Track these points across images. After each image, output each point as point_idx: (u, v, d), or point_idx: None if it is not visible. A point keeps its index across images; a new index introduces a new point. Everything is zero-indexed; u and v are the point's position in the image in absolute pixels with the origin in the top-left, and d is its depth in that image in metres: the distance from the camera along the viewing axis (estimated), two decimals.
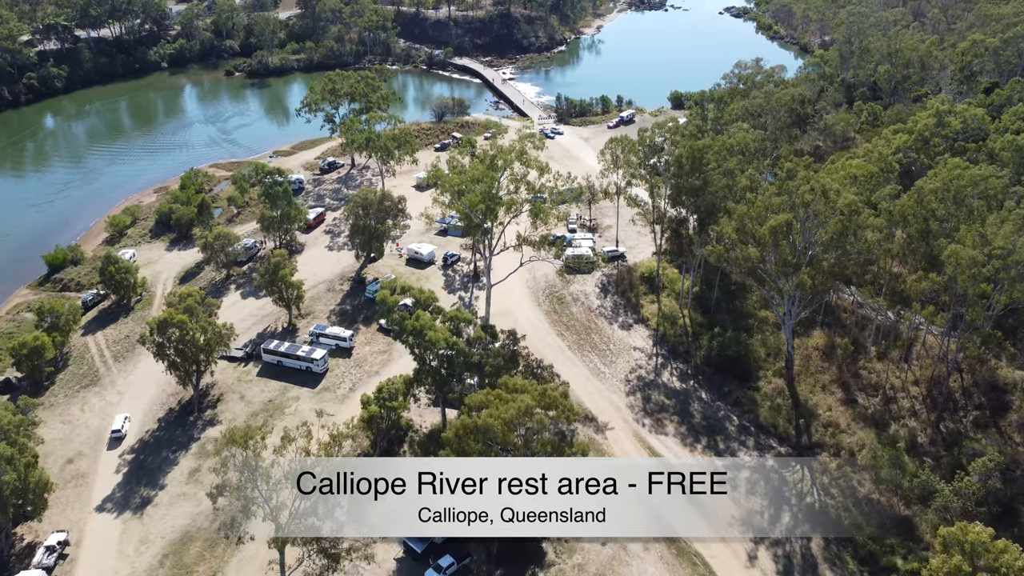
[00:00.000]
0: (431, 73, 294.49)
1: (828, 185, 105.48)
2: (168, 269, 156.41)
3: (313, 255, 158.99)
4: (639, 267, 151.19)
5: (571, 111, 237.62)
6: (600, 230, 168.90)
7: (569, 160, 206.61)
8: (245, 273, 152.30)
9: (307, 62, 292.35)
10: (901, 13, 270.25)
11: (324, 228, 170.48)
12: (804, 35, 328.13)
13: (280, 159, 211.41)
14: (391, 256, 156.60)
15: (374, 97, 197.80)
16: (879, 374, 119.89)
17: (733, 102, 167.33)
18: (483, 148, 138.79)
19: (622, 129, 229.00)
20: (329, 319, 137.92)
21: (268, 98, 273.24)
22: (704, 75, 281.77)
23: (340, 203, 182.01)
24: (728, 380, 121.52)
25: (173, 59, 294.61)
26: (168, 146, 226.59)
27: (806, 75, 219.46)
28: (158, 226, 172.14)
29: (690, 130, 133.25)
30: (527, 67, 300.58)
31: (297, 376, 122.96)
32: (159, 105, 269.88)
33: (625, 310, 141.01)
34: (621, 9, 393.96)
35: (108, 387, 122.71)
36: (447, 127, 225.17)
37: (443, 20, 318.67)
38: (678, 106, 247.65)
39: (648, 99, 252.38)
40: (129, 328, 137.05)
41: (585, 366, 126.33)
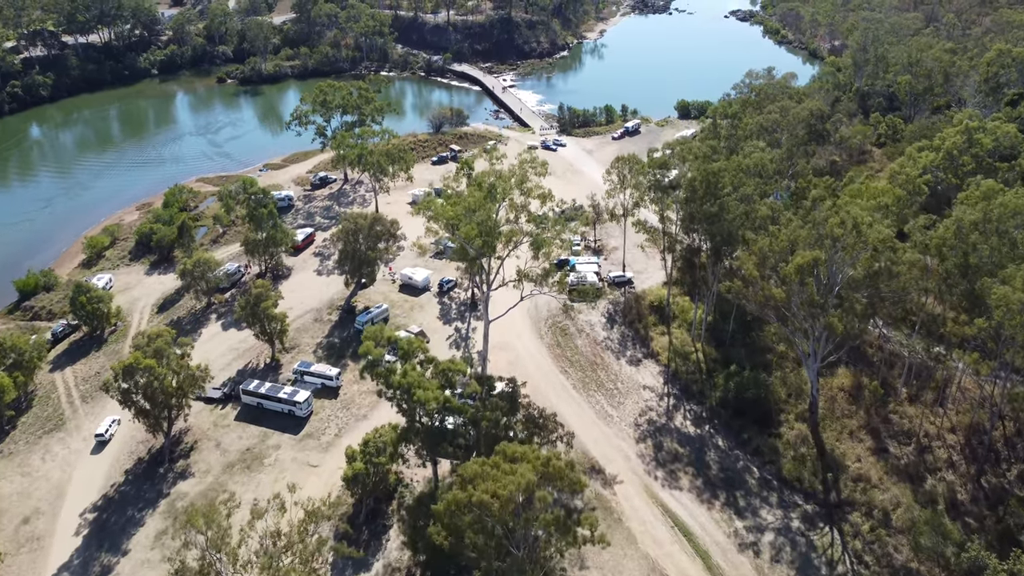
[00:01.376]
0: (429, 80, 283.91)
1: (859, 217, 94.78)
2: (146, 295, 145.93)
3: (300, 280, 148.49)
4: (648, 295, 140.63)
5: (574, 121, 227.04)
6: (606, 252, 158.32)
7: (572, 174, 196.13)
8: (227, 301, 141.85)
9: (301, 69, 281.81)
10: (915, 18, 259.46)
11: (314, 249, 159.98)
12: (813, 40, 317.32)
13: (270, 173, 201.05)
14: (383, 281, 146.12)
15: (368, 109, 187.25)
16: (911, 419, 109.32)
17: (746, 116, 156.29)
18: (482, 170, 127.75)
19: (627, 140, 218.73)
20: (315, 354, 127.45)
21: (261, 107, 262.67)
22: (711, 82, 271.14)
23: (331, 222, 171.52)
24: (747, 425, 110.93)
25: (164, 66, 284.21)
26: (155, 159, 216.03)
27: (820, 83, 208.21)
28: (138, 247, 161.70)
29: (703, 151, 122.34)
30: (528, 73, 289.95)
31: (279, 420, 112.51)
32: (148, 114, 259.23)
33: (633, 343, 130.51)
34: (624, 12, 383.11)
35: (73, 432, 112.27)
36: (445, 138, 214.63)
37: (442, 25, 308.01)
38: (685, 115, 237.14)
39: (654, 108, 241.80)
40: (100, 364, 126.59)
41: (591, 408, 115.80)
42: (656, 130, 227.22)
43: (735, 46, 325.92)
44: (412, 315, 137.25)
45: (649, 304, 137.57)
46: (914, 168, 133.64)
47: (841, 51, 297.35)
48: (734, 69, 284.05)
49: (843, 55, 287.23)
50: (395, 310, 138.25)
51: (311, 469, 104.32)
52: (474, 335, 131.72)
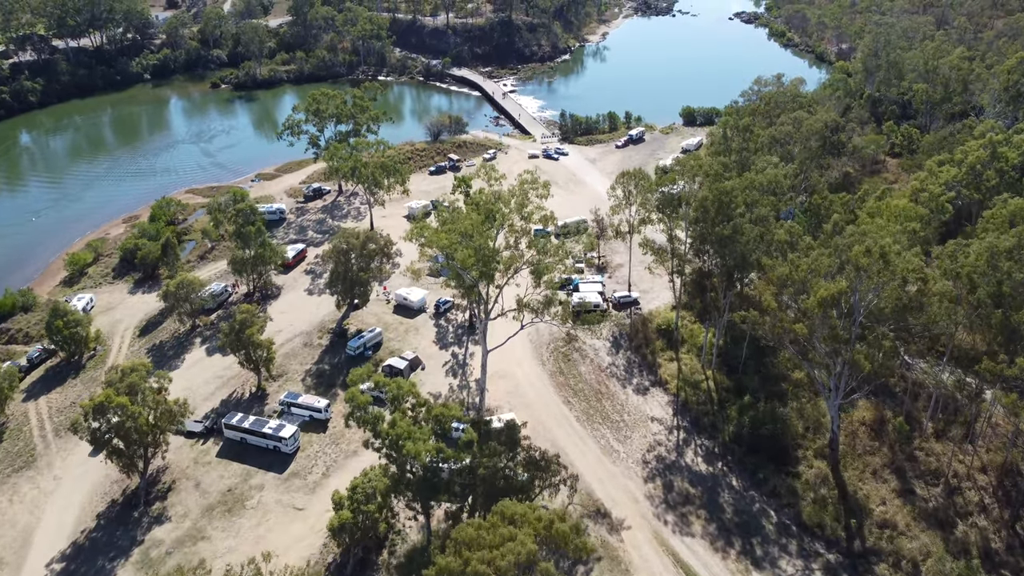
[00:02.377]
0: (428, 85, 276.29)
1: (887, 246, 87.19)
2: (128, 317, 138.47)
3: (290, 301, 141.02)
4: (655, 317, 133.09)
5: (576, 129, 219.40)
6: (610, 269, 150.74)
7: (574, 185, 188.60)
8: (213, 323, 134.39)
9: (297, 73, 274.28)
10: (927, 22, 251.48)
11: (305, 266, 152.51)
12: (820, 43, 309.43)
13: (263, 184, 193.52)
14: (377, 301, 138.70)
15: (363, 118, 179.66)
16: (939, 458, 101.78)
17: (756, 126, 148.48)
18: (480, 188, 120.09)
19: (631, 149, 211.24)
20: (304, 382, 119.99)
21: (255, 113, 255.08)
22: (717, 87, 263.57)
23: (324, 236, 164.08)
24: (762, 462, 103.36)
25: (157, 70, 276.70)
26: (145, 169, 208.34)
27: (831, 90, 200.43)
28: (122, 264, 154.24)
29: (715, 168, 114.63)
30: (529, 78, 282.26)
31: (263, 457, 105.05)
32: (139, 121, 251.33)
33: (640, 369, 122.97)
34: (627, 15, 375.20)
35: (44, 471, 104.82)
36: (443, 147, 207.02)
37: (441, 28, 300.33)
38: (690, 122, 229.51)
39: (658, 114, 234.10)
40: (77, 393, 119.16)
41: (596, 443, 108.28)
42: (661, 138, 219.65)
43: (740, 49, 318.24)
44: (407, 339, 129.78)
45: (656, 327, 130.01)
46: (936, 185, 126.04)
47: (849, 55, 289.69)
48: (740, 74, 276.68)
49: (853, 60, 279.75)
50: (389, 333, 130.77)
51: (296, 513, 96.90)
52: (472, 361, 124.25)
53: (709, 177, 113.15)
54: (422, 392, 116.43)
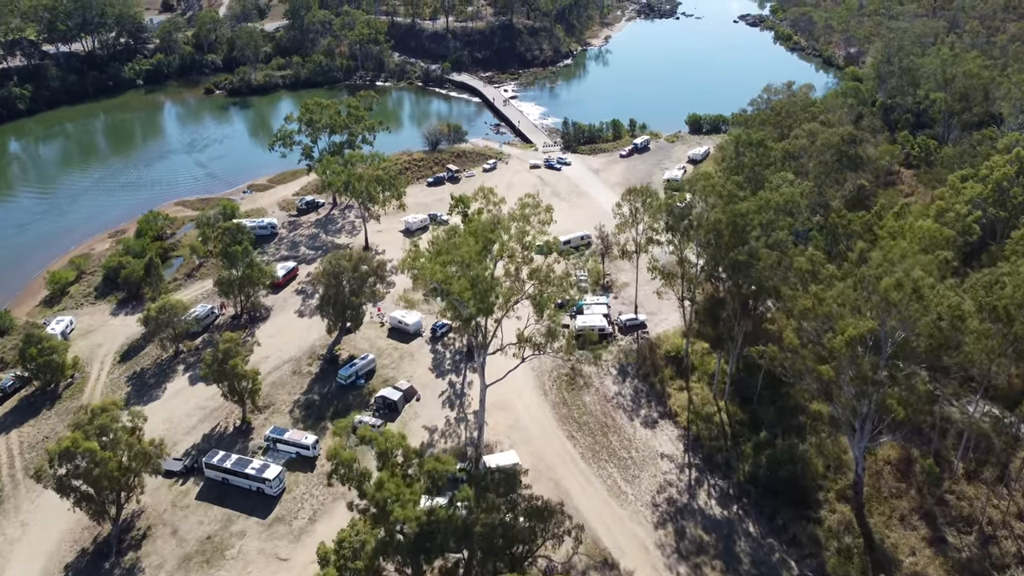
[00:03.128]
0: (427, 90, 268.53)
1: (920, 280, 79.62)
2: (109, 341, 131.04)
3: (279, 324, 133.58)
4: (663, 342, 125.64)
5: (579, 137, 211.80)
6: (615, 289, 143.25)
7: (577, 197, 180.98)
8: (198, 348, 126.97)
9: (293, 79, 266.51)
10: (939, 26, 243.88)
11: (296, 286, 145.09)
12: (827, 47, 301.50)
13: (255, 195, 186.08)
14: (371, 324, 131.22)
15: (358, 128, 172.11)
16: (971, 502, 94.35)
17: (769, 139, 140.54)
18: (478, 208, 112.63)
19: (636, 158, 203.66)
20: (292, 414, 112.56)
21: (250, 120, 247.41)
22: (723, 93, 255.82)
23: (316, 253, 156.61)
24: (781, 506, 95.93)
25: (150, 76, 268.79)
26: (134, 179, 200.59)
27: (842, 98, 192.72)
28: (105, 283, 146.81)
29: (728, 188, 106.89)
30: (530, 83, 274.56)
31: (246, 500, 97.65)
32: (130, 129, 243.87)
33: (648, 399, 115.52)
34: (630, 17, 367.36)
35: (10, 514, 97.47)
36: (442, 157, 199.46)
37: (440, 32, 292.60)
38: (696, 130, 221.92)
39: (663, 122, 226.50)
40: (51, 426, 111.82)
41: (602, 483, 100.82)
42: (666, 146, 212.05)
43: (746, 53, 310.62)
44: (401, 366, 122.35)
45: (665, 354, 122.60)
46: (961, 203, 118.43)
47: (857, 58, 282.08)
48: (747, 79, 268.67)
49: (863, 65, 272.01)
50: (383, 359, 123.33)
51: (279, 564, 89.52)
52: (470, 391, 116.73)
53: (722, 198, 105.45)
54: (416, 426, 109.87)
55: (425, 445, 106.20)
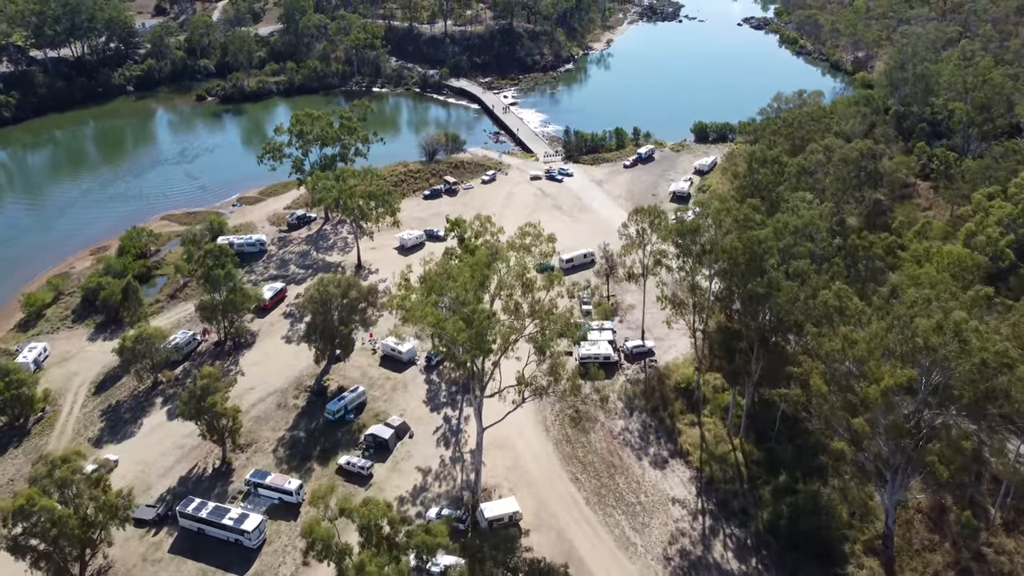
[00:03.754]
0: (424, 96, 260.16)
1: (962, 322, 71.49)
2: (86, 369, 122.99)
3: (266, 350, 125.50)
4: (673, 372, 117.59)
5: (581, 146, 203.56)
6: (621, 311, 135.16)
7: (579, 211, 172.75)
8: (178, 378, 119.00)
9: (287, 85, 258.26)
10: (950, 31, 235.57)
11: (285, 308, 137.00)
12: (834, 51, 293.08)
13: (244, 209, 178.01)
14: (362, 351, 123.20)
15: (351, 140, 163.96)
16: (1012, 557, 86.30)
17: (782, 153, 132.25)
18: (474, 233, 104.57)
19: (640, 168, 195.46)
20: (275, 453, 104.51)
21: (242, 128, 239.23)
22: (729, 99, 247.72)
23: (307, 272, 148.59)
24: (803, 561, 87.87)
25: (140, 81, 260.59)
26: (121, 191, 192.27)
27: (854, 106, 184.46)
28: (84, 305, 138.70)
29: (744, 213, 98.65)
30: (531, 89, 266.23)
31: (223, 552, 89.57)
32: (118, 138, 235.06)
33: (657, 435, 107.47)
34: (632, 20, 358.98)
35: None
36: (439, 168, 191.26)
37: (438, 36, 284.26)
38: (703, 139, 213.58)
39: (668, 129, 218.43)
40: (17, 466, 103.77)
41: (609, 532, 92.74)
42: (672, 156, 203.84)
43: (751, 57, 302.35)
44: (394, 398, 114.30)
45: (675, 385, 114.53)
46: (992, 226, 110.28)
47: (866, 63, 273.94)
48: (753, 84, 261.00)
49: (872, 70, 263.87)
50: (374, 391, 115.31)
51: None
52: (467, 427, 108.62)
53: (738, 223, 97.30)
54: (409, 466, 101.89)
55: (418, 488, 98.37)
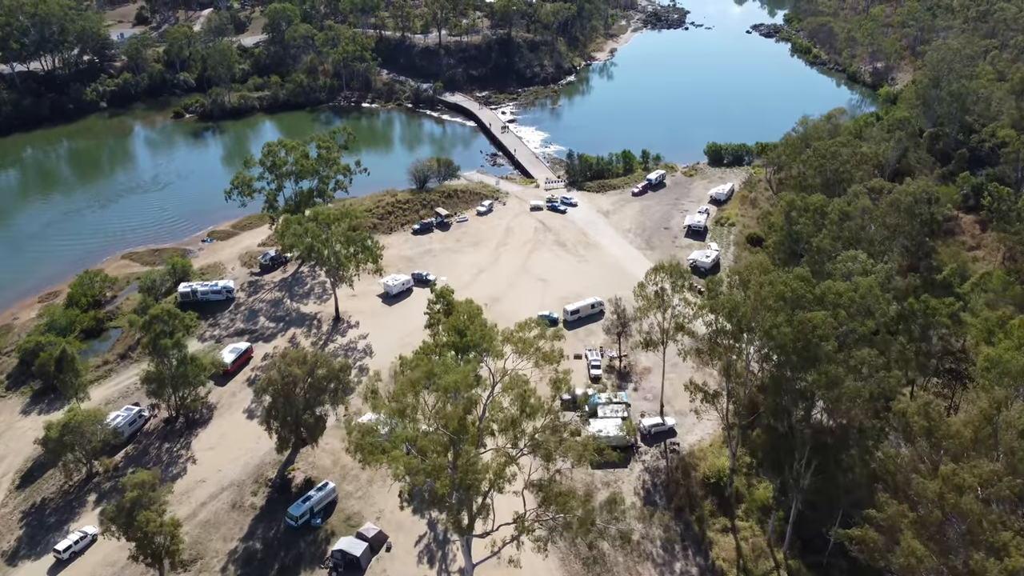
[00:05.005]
0: (417, 112, 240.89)
1: None
2: (13, 453, 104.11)
3: (223, 429, 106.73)
4: (699, 460, 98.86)
5: (585, 171, 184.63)
6: (635, 376, 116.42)
7: (585, 248, 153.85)
8: (119, 467, 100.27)
9: (271, 100, 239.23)
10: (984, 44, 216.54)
11: (250, 372, 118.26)
12: (851, 61, 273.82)
13: (215, 246, 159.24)
14: (336, 429, 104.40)
15: (330, 172, 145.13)
16: None
17: (823, 203, 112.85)
18: (464, 308, 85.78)
19: (651, 196, 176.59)
20: (225, 572, 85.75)
21: (221, 148, 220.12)
22: (743, 115, 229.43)
23: (278, 326, 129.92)
24: None
25: (115, 97, 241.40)
26: (82, 223, 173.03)
27: (887, 131, 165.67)
28: (21, 367, 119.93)
29: (792, 287, 79.52)
30: (531, 103, 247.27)
31: None
32: (87, 161, 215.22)
33: (684, 545, 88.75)
34: (636, 28, 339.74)
35: None
36: (430, 197, 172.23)
37: (432, 48, 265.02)
38: (717, 161, 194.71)
39: (678, 150, 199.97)
40: None
41: None
42: (684, 182, 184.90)
43: (763, 67, 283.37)
44: (370, 494, 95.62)
45: (703, 478, 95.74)
46: None
47: (886, 74, 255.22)
48: (767, 98, 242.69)
49: (894, 83, 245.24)
50: (346, 485, 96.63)
51: None
52: (456, 536, 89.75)
53: (784, 300, 78.34)
54: None
55: None
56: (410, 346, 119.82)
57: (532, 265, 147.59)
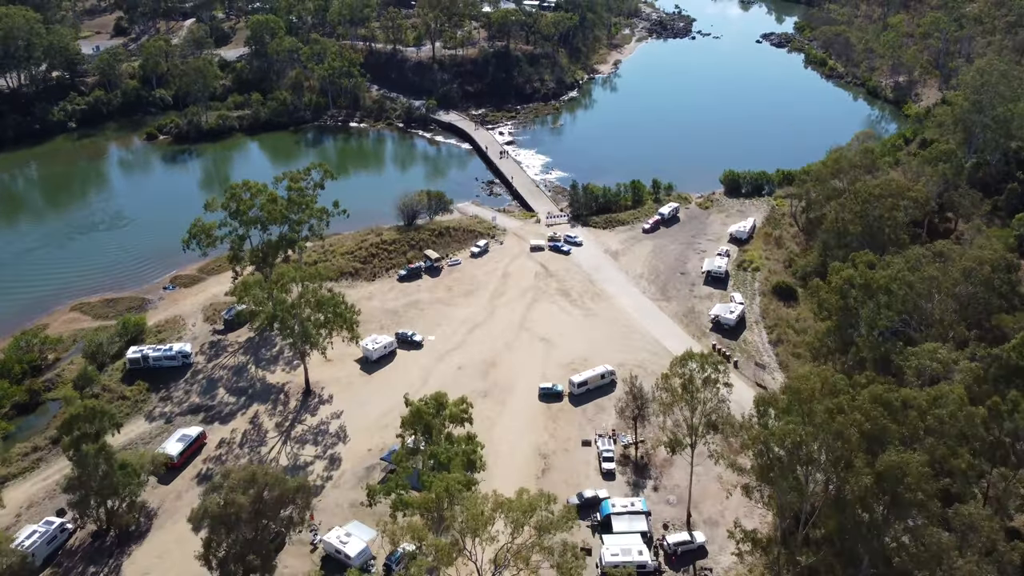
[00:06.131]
0: (409, 132, 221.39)
1: None
2: None
3: (163, 544, 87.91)
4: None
5: (591, 204, 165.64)
6: (654, 471, 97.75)
7: (592, 298, 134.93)
8: None
9: (252, 120, 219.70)
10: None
11: (202, 464, 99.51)
12: (870, 75, 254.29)
13: (178, 294, 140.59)
14: (298, 546, 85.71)
15: (303, 216, 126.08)
16: None
17: (891, 279, 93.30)
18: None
19: (664, 232, 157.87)
20: None
21: (195, 175, 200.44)
22: (759, 135, 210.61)
23: (239, 401, 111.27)
24: None
25: (86, 116, 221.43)
26: (31, 268, 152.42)
27: (931, 166, 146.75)
28: None
29: (872, 415, 60.63)
30: (530, 121, 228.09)
31: None
32: (47, 191, 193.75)
33: None
34: (641, 37, 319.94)
35: None
36: (419, 236, 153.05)
37: (426, 62, 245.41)
38: (734, 191, 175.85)
39: (691, 176, 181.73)
40: None
41: None
42: (699, 215, 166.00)
43: (777, 81, 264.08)
44: None
45: None
46: None
47: (909, 90, 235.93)
48: (785, 118, 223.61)
49: (918, 99, 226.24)
50: None
51: None
52: None
53: (861, 433, 59.39)
54: None
55: None
56: (390, 428, 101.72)
57: (532, 321, 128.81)
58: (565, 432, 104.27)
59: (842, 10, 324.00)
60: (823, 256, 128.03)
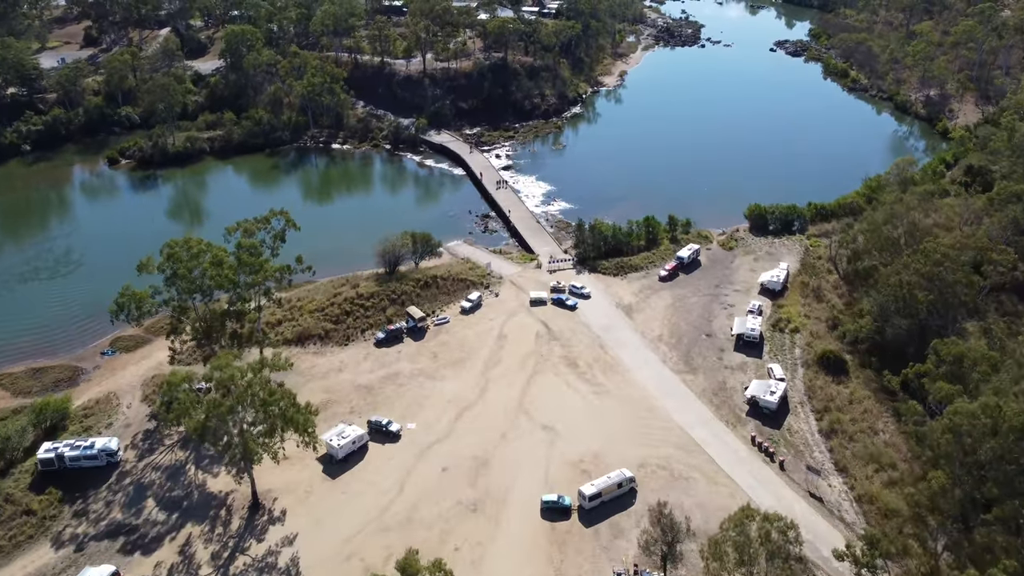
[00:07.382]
0: (396, 155, 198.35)
1: None
2: None
3: None
4: None
5: (599, 245, 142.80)
6: None
7: (603, 370, 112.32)
8: None
9: (224, 142, 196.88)
10: None
11: None
12: (897, 88, 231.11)
13: (118, 360, 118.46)
14: None
15: (256, 279, 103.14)
16: None
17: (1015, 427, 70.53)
18: None
19: (683, 282, 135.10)
20: None
21: (160, 206, 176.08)
22: (782, 158, 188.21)
23: (171, 518, 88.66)
24: None
25: (42, 138, 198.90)
26: None
27: (994, 210, 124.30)
28: None
29: None
30: (530, 140, 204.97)
31: None
32: None
33: None
34: (647, 46, 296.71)
35: None
36: (401, 289, 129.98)
37: (416, 76, 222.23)
38: (760, 228, 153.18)
39: (710, 207, 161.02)
40: None
41: None
42: (722, 258, 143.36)
43: (796, 95, 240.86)
44: None
45: None
46: None
47: (942, 105, 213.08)
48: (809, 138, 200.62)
49: (952, 116, 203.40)
50: None
51: None
52: None
53: None
54: None
55: None
56: (354, 561, 79.42)
57: (533, 401, 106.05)
58: (574, 566, 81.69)
59: (860, 16, 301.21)
60: (879, 323, 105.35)
